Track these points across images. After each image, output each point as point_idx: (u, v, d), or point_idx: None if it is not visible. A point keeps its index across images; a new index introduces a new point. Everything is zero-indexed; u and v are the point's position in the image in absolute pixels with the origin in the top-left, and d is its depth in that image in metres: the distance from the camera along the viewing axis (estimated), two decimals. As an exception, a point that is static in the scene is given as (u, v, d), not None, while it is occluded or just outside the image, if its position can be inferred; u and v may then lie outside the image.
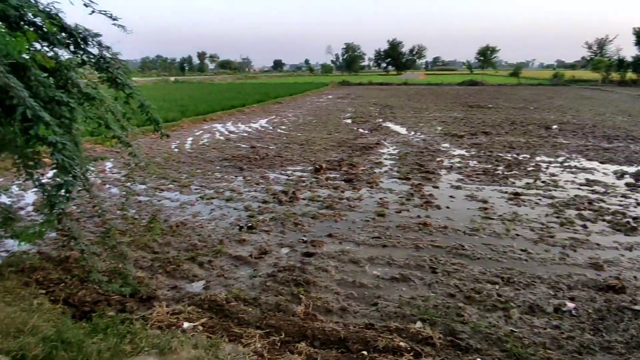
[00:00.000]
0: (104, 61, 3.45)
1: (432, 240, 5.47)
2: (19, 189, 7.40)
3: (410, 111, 21.76)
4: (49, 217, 2.63)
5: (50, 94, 2.74)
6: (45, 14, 2.92)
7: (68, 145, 2.57)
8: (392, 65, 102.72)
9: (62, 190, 2.56)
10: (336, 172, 9.16)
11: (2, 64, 2.32)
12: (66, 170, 2.54)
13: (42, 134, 2.37)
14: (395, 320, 3.73)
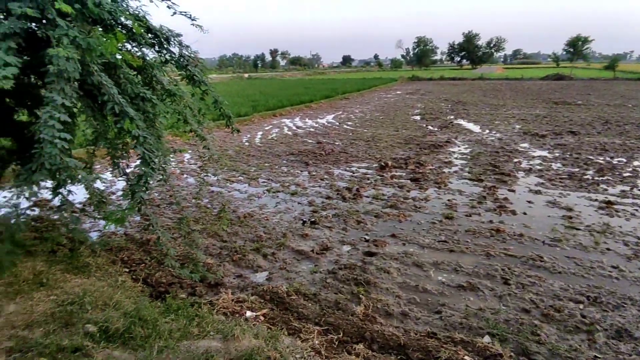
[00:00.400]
0: (183, 60, 3.67)
1: (505, 249, 5.06)
2: (111, 175, 8.26)
3: (485, 108, 20.41)
4: (131, 203, 2.87)
5: (136, 91, 2.98)
6: (134, 17, 3.17)
7: (149, 138, 2.78)
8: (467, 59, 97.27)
9: (142, 180, 2.78)
10: (402, 171, 8.90)
11: (97, 63, 2.57)
12: (146, 162, 2.75)
13: (126, 128, 2.59)
14: (460, 331, 3.51)
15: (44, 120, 2.21)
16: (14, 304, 3.57)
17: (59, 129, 2.22)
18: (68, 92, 2.34)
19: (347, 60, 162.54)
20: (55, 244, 5.06)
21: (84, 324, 3.23)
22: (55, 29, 2.37)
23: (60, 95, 2.31)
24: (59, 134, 2.21)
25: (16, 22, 2.25)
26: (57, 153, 2.19)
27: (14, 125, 4.79)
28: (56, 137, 2.20)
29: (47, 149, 2.17)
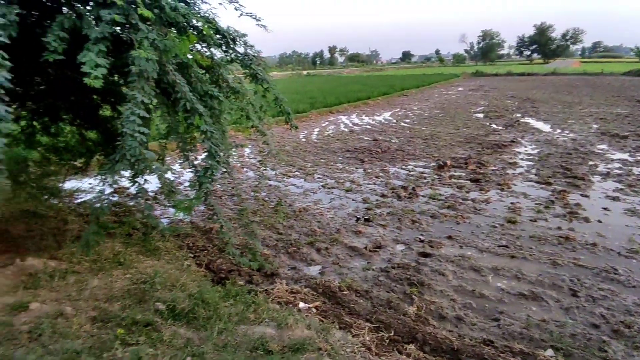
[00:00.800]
0: (248, 59, 3.85)
1: (574, 258, 4.69)
2: (180, 167, 8.87)
3: (557, 105, 18.89)
4: (198, 194, 3.09)
5: (205, 89, 3.20)
6: (204, 19, 3.39)
7: (216, 133, 2.97)
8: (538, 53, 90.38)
9: (208, 172, 2.98)
10: (461, 171, 8.55)
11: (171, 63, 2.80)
12: (212, 156, 2.94)
13: (196, 123, 2.79)
14: (520, 341, 3.34)
15: (126, 116, 2.47)
16: (97, 279, 4.00)
17: (139, 124, 2.46)
18: (147, 90, 2.58)
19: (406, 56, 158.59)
20: (131, 228, 5.57)
21: (154, 301, 3.54)
22: (138, 33, 2.62)
23: (140, 93, 2.55)
24: (139, 128, 2.46)
25: (105, 27, 2.52)
26: (137, 146, 2.44)
27: (99, 120, 5.35)
28: (136, 131, 2.44)
29: (129, 141, 2.42)
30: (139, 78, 2.57)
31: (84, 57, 2.39)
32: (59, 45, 2.46)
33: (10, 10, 2.30)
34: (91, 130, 5.47)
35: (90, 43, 2.52)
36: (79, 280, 3.93)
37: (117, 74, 3.96)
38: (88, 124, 5.35)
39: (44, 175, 5.33)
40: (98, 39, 2.50)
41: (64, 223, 5.18)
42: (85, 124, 5.33)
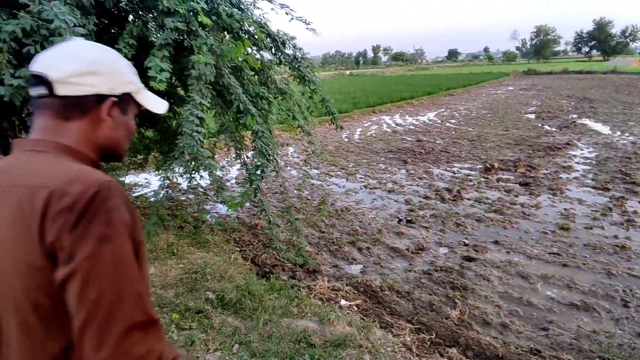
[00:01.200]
0: (296, 61, 3.98)
1: (629, 268, 4.40)
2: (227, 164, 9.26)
3: (617, 106, 17.55)
4: (248, 190, 3.26)
5: (256, 90, 3.36)
6: (257, 24, 3.56)
7: (266, 133, 3.12)
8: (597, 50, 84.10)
9: (259, 170, 3.14)
10: (510, 174, 8.23)
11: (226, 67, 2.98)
12: (263, 154, 3.09)
13: (248, 123, 2.95)
14: (568, 352, 3.20)
15: (186, 117, 2.66)
16: (154, 267, 4.32)
17: (196, 124, 2.66)
18: (205, 92, 2.77)
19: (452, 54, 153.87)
20: (183, 221, 5.93)
21: (205, 290, 3.77)
22: (197, 39, 2.81)
23: (198, 95, 2.75)
24: (196, 128, 2.65)
25: (169, 34, 2.73)
26: (194, 144, 2.63)
27: (157, 119, 5.73)
28: (194, 131, 2.63)
29: (187, 140, 2.62)
30: (197, 81, 2.76)
31: (150, 62, 2.62)
32: (128, 52, 2.70)
33: (89, 20, 2.57)
34: (149, 128, 5.87)
35: (155, 49, 2.74)
36: (137, 267, 4.26)
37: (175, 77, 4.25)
38: (147, 123, 5.75)
39: (108, 170, 5.80)
40: (162, 45, 2.71)
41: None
42: (144, 122, 5.74)
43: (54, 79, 0.74)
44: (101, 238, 0.64)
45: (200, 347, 2.85)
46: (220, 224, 6.04)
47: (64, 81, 0.75)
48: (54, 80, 0.74)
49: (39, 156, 0.73)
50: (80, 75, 0.76)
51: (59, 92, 0.75)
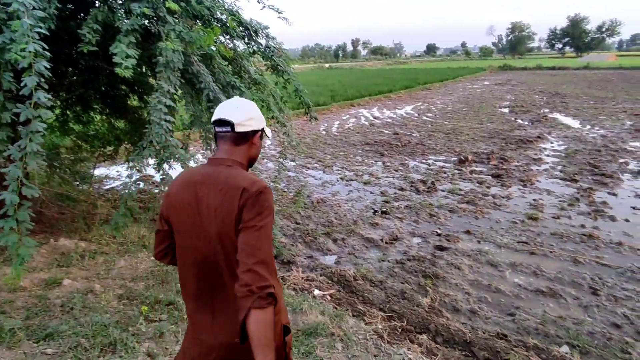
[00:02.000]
0: (269, 50, 3.93)
1: (597, 257, 4.60)
2: (202, 157, 9.11)
3: (588, 101, 18.20)
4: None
5: (227, 79, 3.30)
6: (228, 12, 3.49)
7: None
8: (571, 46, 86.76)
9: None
10: (483, 166, 8.43)
11: (196, 54, 2.91)
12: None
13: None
14: (534, 337, 3.32)
15: (154, 105, 2.59)
16: (124, 260, 4.22)
17: (165, 112, 2.59)
18: (173, 80, 2.70)
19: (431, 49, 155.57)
20: (155, 214, 5.81)
21: (175, 283, 3.71)
22: (165, 25, 2.73)
23: (166, 83, 2.67)
24: (164, 116, 2.58)
25: (136, 20, 2.64)
26: (163, 133, 2.56)
27: (127, 109, 5.57)
28: (162, 119, 2.56)
29: (156, 129, 2.55)
30: (165, 68, 2.68)
31: (116, 48, 2.52)
32: (92, 37, 2.60)
33: (51, 4, 2.45)
34: (120, 119, 5.70)
35: (121, 35, 2.65)
36: (107, 260, 4.16)
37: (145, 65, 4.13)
38: (117, 113, 5.58)
39: (76, 161, 5.61)
40: (128, 31, 2.62)
41: (94, 207, 5.45)
42: (114, 113, 5.56)
43: (234, 122, 1.32)
44: (260, 213, 1.22)
45: (170, 339, 2.81)
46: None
47: (239, 124, 1.33)
48: (235, 124, 1.32)
49: (229, 169, 1.32)
50: (247, 120, 1.35)
51: (237, 130, 1.33)
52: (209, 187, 1.29)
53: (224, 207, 1.24)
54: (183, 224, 1.33)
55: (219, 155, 1.36)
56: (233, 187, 1.25)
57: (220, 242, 1.26)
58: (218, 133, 1.37)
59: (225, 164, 1.33)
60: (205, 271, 1.31)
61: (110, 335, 2.68)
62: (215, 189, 1.27)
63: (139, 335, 2.77)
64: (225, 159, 1.34)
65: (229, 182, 1.26)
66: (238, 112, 1.34)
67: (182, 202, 1.33)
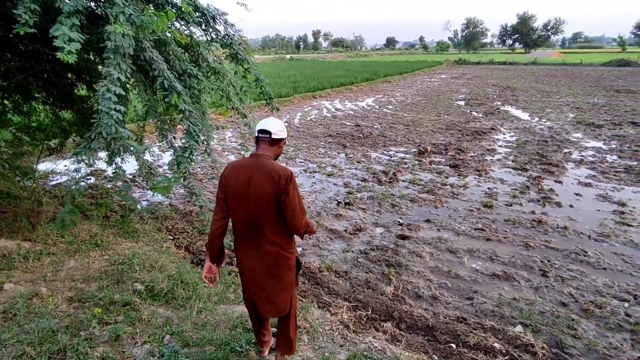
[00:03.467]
0: (228, 38, 3.77)
1: (546, 241, 4.89)
2: (159, 150, 8.71)
3: (536, 94, 19.27)
4: (176, 174, 3.06)
5: (183, 67, 3.13)
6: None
7: (195, 113, 2.93)
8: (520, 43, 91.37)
9: (187, 152, 2.95)
10: (441, 157, 8.70)
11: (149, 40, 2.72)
12: (191, 135, 2.90)
13: (174, 101, 2.74)
14: (491, 319, 3.48)
15: (102, 93, 2.39)
16: (73, 260, 3.95)
17: (114, 101, 2.40)
18: (123, 67, 2.51)
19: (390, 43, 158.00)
20: (108, 210, 5.49)
21: (132, 282, 3.52)
22: (113, 7, 2.53)
23: (116, 70, 2.48)
24: (114, 106, 2.39)
25: (78, 1, 2.42)
26: (112, 124, 2.38)
27: (74, 99, 5.18)
28: (112, 109, 2.37)
29: (104, 119, 2.36)
30: (114, 54, 2.49)
31: (57, 31, 2.30)
32: (30, 18, 2.35)
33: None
34: (66, 109, 5.29)
35: (62, 16, 2.42)
36: (54, 261, 3.87)
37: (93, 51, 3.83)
38: (63, 103, 5.17)
39: (16, 155, 5.15)
40: (71, 13, 2.40)
41: (39, 205, 5.04)
42: (59, 103, 5.16)
43: (271, 132, 2.08)
44: (293, 187, 2.02)
45: (127, 341, 2.66)
46: (148, 211, 5.68)
47: (274, 134, 2.09)
48: (272, 133, 2.08)
49: (268, 160, 2.06)
50: (278, 132, 2.11)
51: (272, 137, 2.09)
52: (256, 171, 2.04)
53: (267, 184, 2.01)
54: (237, 193, 2.07)
55: (260, 152, 2.12)
56: (272, 172, 2.02)
57: (262, 204, 2.04)
58: (260, 137, 2.14)
59: (264, 158, 2.09)
60: (250, 222, 2.10)
61: (59, 341, 2.49)
62: (260, 172, 2.03)
63: (92, 339, 2.60)
64: (265, 154, 2.11)
65: (269, 169, 2.03)
66: (274, 126, 2.12)
67: (237, 180, 2.06)
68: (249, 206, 2.05)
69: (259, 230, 2.09)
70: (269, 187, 1.99)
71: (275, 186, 1.99)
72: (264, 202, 2.02)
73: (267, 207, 2.03)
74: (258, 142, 2.15)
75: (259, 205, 2.03)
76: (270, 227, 2.08)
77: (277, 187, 1.99)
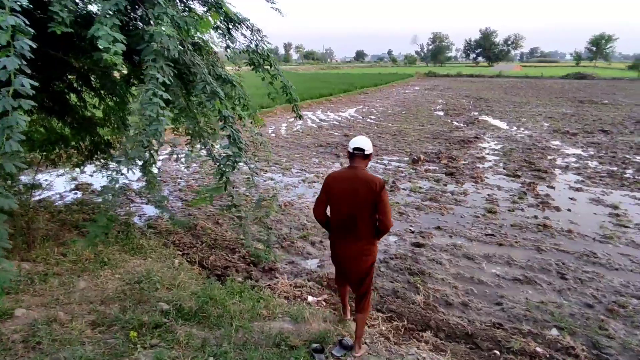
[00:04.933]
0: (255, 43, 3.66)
1: (555, 244, 5.00)
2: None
3: (509, 105, 20.12)
4: (218, 183, 2.89)
5: (218, 72, 2.99)
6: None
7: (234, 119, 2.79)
8: (483, 57, 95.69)
9: (230, 160, 2.80)
10: (435, 165, 8.83)
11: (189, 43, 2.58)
12: (235, 143, 2.76)
13: (217, 108, 2.60)
14: (526, 323, 3.49)
15: (148, 98, 2.22)
16: (83, 281, 3.65)
17: (162, 106, 2.23)
18: (167, 70, 2.36)
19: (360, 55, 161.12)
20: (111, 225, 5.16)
21: (156, 302, 3.28)
22: (155, 7, 2.38)
23: (160, 73, 2.32)
24: (162, 111, 2.23)
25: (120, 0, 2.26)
26: (162, 130, 2.21)
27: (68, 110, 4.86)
28: (162, 115, 2.21)
29: (153, 125, 2.18)
30: (157, 56, 2.33)
31: (99, 31, 2.12)
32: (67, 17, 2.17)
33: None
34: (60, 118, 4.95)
35: (100, 17, 2.25)
36: (63, 282, 3.57)
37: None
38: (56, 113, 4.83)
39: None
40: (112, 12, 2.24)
41: (32, 222, 4.67)
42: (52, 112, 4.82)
43: (364, 149, 2.68)
44: (385, 194, 2.62)
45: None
46: (150, 227, 5.38)
47: (366, 150, 2.69)
48: (365, 149, 2.69)
49: (363, 172, 2.68)
50: (369, 149, 2.71)
51: (365, 153, 2.70)
52: (356, 180, 2.63)
53: (365, 191, 2.57)
54: (339, 197, 2.67)
55: (356, 165, 2.71)
56: (369, 181, 2.59)
57: (360, 207, 2.60)
58: (355, 153, 2.70)
59: (360, 169, 2.68)
60: (347, 220, 2.67)
61: (101, 370, 2.26)
62: (360, 181, 2.61)
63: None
64: (360, 167, 2.70)
65: (366, 178, 2.61)
66: (365, 144, 2.71)
67: (340, 186, 2.67)
68: (349, 207, 2.64)
69: (354, 227, 2.67)
70: (367, 193, 2.57)
71: (371, 192, 2.57)
72: (362, 205, 2.60)
73: (364, 209, 2.61)
74: (353, 157, 2.72)
75: (357, 207, 2.61)
76: (363, 225, 2.65)
77: (373, 194, 2.57)
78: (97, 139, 4.72)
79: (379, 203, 2.56)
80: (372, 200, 2.55)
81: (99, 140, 4.76)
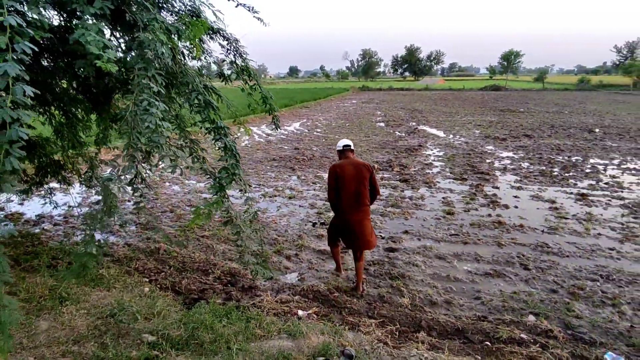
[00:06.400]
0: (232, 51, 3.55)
1: (512, 238, 5.43)
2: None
3: (441, 115, 21.65)
4: (217, 198, 2.72)
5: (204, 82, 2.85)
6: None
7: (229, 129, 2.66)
8: (409, 72, 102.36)
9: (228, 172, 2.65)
10: (389, 173, 9.17)
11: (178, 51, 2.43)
12: (232, 154, 2.63)
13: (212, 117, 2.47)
14: (506, 313, 3.71)
15: (144, 108, 2.03)
16: (44, 321, 3.21)
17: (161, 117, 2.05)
18: (159, 79, 2.19)
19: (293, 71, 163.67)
20: (50, 259, 4.64)
21: (138, 334, 2.98)
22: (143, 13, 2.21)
23: (152, 82, 2.15)
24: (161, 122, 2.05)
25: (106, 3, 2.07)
26: (164, 142, 2.03)
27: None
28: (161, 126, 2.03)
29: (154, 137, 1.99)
30: (149, 65, 2.16)
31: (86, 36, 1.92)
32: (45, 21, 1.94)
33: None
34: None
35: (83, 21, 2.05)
36: (21, 324, 3.09)
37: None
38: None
39: None
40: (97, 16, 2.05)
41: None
42: None
43: (351, 145, 4.31)
44: (374, 174, 4.13)
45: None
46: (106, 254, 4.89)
47: (352, 146, 4.31)
48: (351, 146, 4.31)
49: (357, 159, 4.21)
50: (353, 146, 4.33)
51: (352, 148, 4.30)
52: (356, 164, 4.05)
53: (364, 170, 4.01)
54: (349, 178, 3.96)
55: (349, 156, 4.18)
56: (364, 164, 4.08)
57: (362, 183, 3.97)
58: (345, 148, 4.24)
59: (352, 158, 4.18)
60: (355, 193, 3.96)
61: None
62: (359, 165, 4.04)
63: None
64: (351, 157, 4.19)
65: (362, 163, 4.09)
66: (349, 142, 4.28)
67: (347, 170, 3.98)
68: (356, 184, 3.94)
69: (360, 197, 3.96)
70: (366, 172, 4.00)
71: (368, 171, 4.03)
72: (363, 182, 3.96)
73: (364, 184, 3.97)
74: (344, 151, 4.22)
75: (361, 183, 3.95)
76: (365, 195, 4.00)
77: (369, 172, 4.03)
78: (46, 161, 4.21)
79: (373, 178, 4.04)
80: (369, 177, 3.98)
81: (48, 161, 4.26)
